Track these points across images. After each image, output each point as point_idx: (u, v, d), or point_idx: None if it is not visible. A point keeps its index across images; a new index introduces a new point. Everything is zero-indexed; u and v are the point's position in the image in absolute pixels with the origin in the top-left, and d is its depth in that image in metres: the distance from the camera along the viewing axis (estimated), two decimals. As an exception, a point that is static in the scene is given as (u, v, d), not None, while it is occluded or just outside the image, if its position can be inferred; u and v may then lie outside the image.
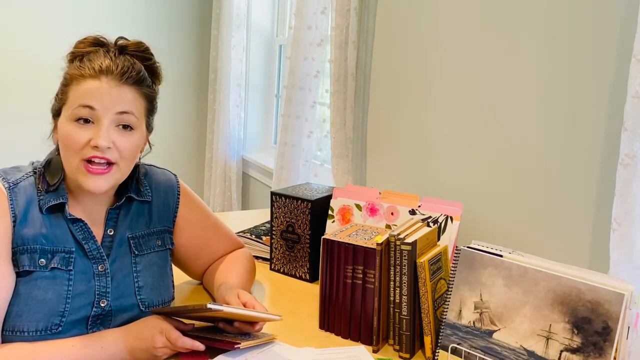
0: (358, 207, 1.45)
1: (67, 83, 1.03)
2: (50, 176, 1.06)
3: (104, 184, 1.03)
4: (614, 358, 0.88)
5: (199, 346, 1.02)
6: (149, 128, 1.12)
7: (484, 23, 1.52)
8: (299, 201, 1.48)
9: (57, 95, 1.06)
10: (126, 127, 1.04)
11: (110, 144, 1.01)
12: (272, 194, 1.53)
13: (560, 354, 0.92)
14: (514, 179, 1.46)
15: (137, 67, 1.05)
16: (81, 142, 1.00)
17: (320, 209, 1.49)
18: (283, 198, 1.51)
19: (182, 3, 3.52)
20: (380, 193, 1.47)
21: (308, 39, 2.24)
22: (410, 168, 1.80)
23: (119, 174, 1.05)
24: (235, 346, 1.03)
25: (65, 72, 1.05)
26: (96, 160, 1.01)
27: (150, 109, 1.10)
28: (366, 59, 1.97)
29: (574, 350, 0.91)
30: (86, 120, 1.01)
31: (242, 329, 1.10)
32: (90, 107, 1.00)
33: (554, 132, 1.35)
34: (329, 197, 1.51)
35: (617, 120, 1.18)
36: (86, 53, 1.05)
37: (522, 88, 1.42)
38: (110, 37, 1.10)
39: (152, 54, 1.11)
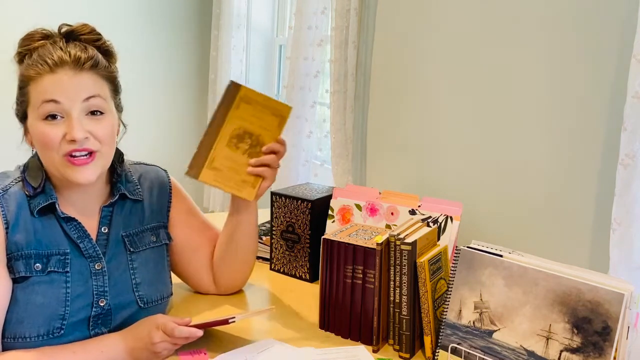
0: (358, 207, 1.45)
1: (25, 85, 1.02)
2: (32, 179, 1.05)
3: (91, 173, 1.02)
4: (614, 358, 0.88)
5: (197, 332, 1.02)
6: (119, 108, 1.11)
7: (484, 23, 1.52)
8: (299, 201, 1.48)
9: (17, 99, 1.05)
10: (96, 112, 1.02)
11: (87, 134, 1.00)
12: (272, 194, 1.53)
13: (560, 354, 0.92)
14: (514, 179, 1.46)
15: (89, 52, 1.03)
16: (57, 139, 0.99)
17: (320, 209, 1.48)
18: (283, 198, 1.51)
19: (182, 3, 3.52)
20: (380, 193, 1.47)
21: (308, 39, 2.24)
22: (410, 168, 1.80)
23: (103, 160, 1.04)
24: (230, 320, 1.03)
25: (19, 75, 1.04)
26: (77, 153, 1.00)
27: (115, 89, 1.09)
28: (366, 59, 1.97)
29: (573, 350, 0.91)
30: (54, 117, 0.99)
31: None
32: (55, 101, 0.99)
33: (554, 132, 1.35)
34: (329, 197, 1.50)
35: (617, 120, 1.18)
36: (34, 49, 1.03)
37: (522, 88, 1.42)
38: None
39: (99, 34, 1.09)
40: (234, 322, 1.03)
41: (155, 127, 3.49)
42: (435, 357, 1.06)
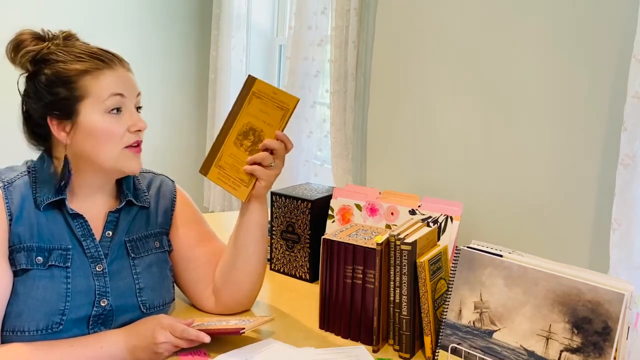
0: (358, 207, 1.45)
1: (72, 80, 1.02)
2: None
3: (141, 162, 1.10)
4: (614, 358, 0.88)
5: (204, 337, 1.03)
6: None
7: (484, 23, 1.52)
8: (299, 201, 1.48)
9: (57, 96, 1.02)
10: (138, 108, 1.10)
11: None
12: (272, 194, 1.53)
13: (560, 354, 0.92)
14: (514, 179, 1.46)
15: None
16: (122, 131, 1.05)
17: (320, 209, 1.48)
18: (283, 198, 1.51)
19: (182, 3, 3.52)
20: (380, 193, 1.47)
21: (308, 39, 2.24)
22: (410, 168, 1.80)
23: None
24: (241, 331, 1.05)
25: (57, 70, 1.02)
26: (135, 144, 1.07)
27: None
28: (366, 59, 1.97)
29: (574, 350, 0.91)
30: (119, 109, 1.05)
31: None
32: (121, 95, 1.05)
33: (554, 132, 1.35)
34: (329, 197, 1.51)
35: (617, 120, 1.18)
36: (52, 47, 1.04)
37: (522, 88, 1.42)
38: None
39: None
40: (244, 332, 1.05)
41: (155, 126, 3.47)
42: (435, 357, 1.06)
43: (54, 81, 1.03)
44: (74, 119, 1.03)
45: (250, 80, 1.16)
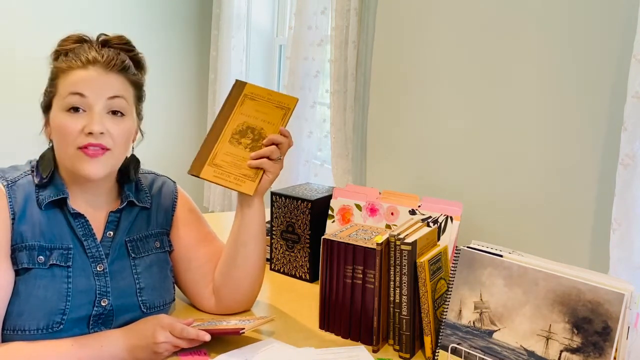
0: (358, 207, 1.45)
1: (55, 76, 1.06)
2: (43, 170, 1.08)
3: (100, 168, 1.04)
4: (614, 358, 0.88)
5: (204, 335, 1.03)
6: (140, 116, 1.14)
7: (484, 23, 1.52)
8: (299, 201, 1.48)
9: (45, 90, 1.09)
10: (116, 112, 1.06)
11: (104, 130, 1.03)
12: (272, 194, 1.53)
13: (560, 354, 0.92)
14: (513, 179, 1.46)
15: (121, 56, 1.09)
16: (75, 131, 1.02)
17: (320, 209, 1.48)
18: (283, 198, 1.51)
19: (182, 3, 3.52)
20: (380, 193, 1.47)
21: (308, 39, 2.24)
22: (410, 168, 1.80)
23: (113, 160, 1.07)
24: (241, 331, 1.05)
25: (52, 68, 1.08)
26: (91, 148, 1.02)
27: (139, 96, 1.13)
28: (366, 59, 1.97)
29: (574, 350, 0.91)
30: (76, 109, 1.03)
31: None
32: (80, 94, 1.03)
33: (554, 132, 1.35)
34: (329, 197, 1.51)
35: (617, 120, 1.18)
36: (71, 49, 1.08)
37: (522, 88, 1.42)
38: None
39: (134, 46, 1.14)
40: (243, 332, 1.05)
41: (155, 126, 3.47)
42: (435, 357, 1.06)
43: (50, 77, 1.08)
44: (48, 114, 1.08)
45: (240, 84, 1.19)
